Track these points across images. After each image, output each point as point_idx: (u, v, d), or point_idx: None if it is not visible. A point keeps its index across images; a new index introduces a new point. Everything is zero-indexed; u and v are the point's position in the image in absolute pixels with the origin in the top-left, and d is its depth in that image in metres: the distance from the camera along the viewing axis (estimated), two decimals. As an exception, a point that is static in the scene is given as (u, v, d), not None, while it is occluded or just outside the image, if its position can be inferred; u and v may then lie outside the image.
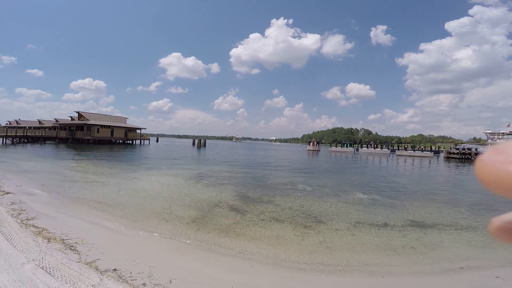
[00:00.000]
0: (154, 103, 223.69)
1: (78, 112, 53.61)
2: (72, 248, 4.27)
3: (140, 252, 4.58)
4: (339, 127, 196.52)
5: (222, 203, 9.14)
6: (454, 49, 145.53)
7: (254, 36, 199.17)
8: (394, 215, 8.53)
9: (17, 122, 73.75)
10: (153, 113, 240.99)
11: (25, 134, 46.91)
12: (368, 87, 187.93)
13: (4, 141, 42.00)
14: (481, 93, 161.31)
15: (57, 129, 53.21)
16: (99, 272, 3.50)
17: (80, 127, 50.41)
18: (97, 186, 11.08)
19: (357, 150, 68.65)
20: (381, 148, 69.59)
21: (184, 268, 4.20)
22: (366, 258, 5.23)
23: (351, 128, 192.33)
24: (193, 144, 65.81)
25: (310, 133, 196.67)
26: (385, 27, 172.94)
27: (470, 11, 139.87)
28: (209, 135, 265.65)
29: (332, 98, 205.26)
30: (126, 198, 9.24)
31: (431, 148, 70.38)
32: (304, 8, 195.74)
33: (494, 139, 67.12)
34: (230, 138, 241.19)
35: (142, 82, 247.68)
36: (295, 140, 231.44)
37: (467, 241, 6.30)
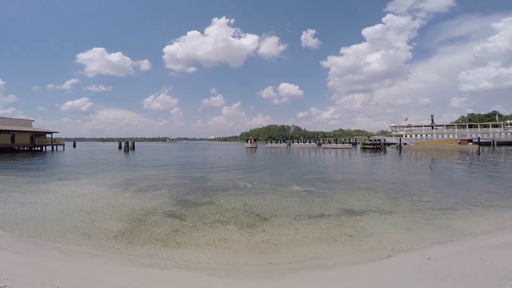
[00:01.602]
0: (69, 103, 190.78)
1: (-41, 115, 41.82)
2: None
3: (58, 274, 3.62)
4: (273, 124, 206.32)
5: (157, 210, 8.26)
6: (367, 53, 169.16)
7: (193, 33, 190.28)
8: (328, 204, 9.07)
9: None
10: (68, 114, 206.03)
11: None
12: (297, 87, 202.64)
13: None
14: (386, 92, 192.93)
15: None
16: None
17: (-38, 133, 39.44)
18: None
19: (289, 145, 73.37)
20: (310, 142, 76.00)
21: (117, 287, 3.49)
22: (312, 251, 5.29)
23: (284, 125, 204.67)
24: (120, 147, 59.12)
25: (248, 131, 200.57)
26: (314, 31, 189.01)
27: (383, 19, 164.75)
28: (139, 137, 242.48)
29: (266, 97, 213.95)
30: (34, 214, 7.53)
31: (350, 140, 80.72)
32: (246, 9, 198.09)
33: (397, 130, 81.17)
34: (164, 139, 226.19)
35: (53, 80, 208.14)
36: (234, 139, 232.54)
37: (393, 225, 6.90)
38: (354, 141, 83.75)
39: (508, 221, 7.02)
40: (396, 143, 60.25)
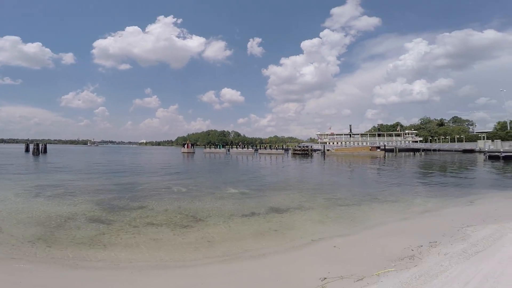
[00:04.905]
0: None
1: None
2: None
3: None
4: (213, 129, 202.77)
5: (78, 215, 7.66)
6: (303, 65, 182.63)
7: (132, 29, 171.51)
8: (259, 204, 9.87)
9: None
10: None
11: None
12: (239, 93, 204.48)
13: None
14: (315, 102, 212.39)
15: None
16: None
17: None
18: None
19: (229, 150, 74.09)
20: (248, 148, 78.38)
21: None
22: (243, 245, 5.83)
23: (224, 131, 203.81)
24: (27, 150, 49.94)
25: (185, 135, 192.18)
26: (260, 39, 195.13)
27: (321, 34, 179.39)
28: (52, 139, 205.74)
29: (207, 101, 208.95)
30: None
31: (282, 147, 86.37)
32: (197, 10, 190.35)
33: (322, 138, 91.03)
34: (85, 142, 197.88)
35: None
36: (169, 143, 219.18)
37: (310, 219, 7.95)
38: (287, 147, 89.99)
39: (396, 213, 8.86)
40: (321, 150, 67.30)
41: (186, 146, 68.39)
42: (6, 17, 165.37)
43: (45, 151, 48.60)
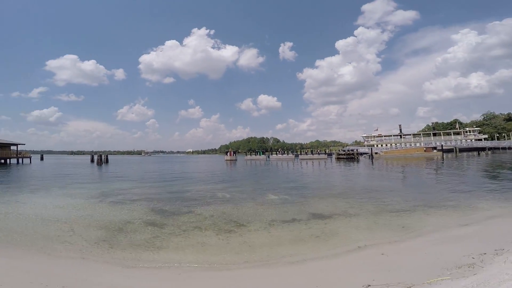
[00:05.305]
0: (36, 113, 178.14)
1: None
2: None
3: (49, 276, 3.88)
4: (253, 136, 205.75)
5: (135, 219, 8.49)
6: (340, 65, 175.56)
7: (171, 43, 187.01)
8: (300, 210, 9.74)
9: None
10: (34, 124, 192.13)
11: None
12: (275, 99, 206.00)
13: None
14: (358, 103, 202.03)
15: None
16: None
17: None
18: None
19: (269, 157, 74.53)
20: (288, 154, 77.84)
21: (110, 284, 3.82)
22: (282, 250, 5.87)
23: (263, 137, 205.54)
24: (92, 160, 56.74)
25: (227, 144, 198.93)
26: (291, 43, 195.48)
27: (355, 32, 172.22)
28: (112, 150, 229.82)
29: (245, 109, 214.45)
30: (9, 224, 7.61)
31: (325, 151, 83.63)
32: (227, 20, 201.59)
33: (368, 140, 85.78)
34: (139, 153, 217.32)
35: (19, 87, 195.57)
36: (213, 151, 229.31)
37: (356, 226, 7.62)
38: (330, 152, 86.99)
39: (455, 219, 8.01)
40: (368, 153, 63.37)
41: (228, 154, 70.75)
42: (64, 36, 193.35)
43: (106, 161, 54.66)
